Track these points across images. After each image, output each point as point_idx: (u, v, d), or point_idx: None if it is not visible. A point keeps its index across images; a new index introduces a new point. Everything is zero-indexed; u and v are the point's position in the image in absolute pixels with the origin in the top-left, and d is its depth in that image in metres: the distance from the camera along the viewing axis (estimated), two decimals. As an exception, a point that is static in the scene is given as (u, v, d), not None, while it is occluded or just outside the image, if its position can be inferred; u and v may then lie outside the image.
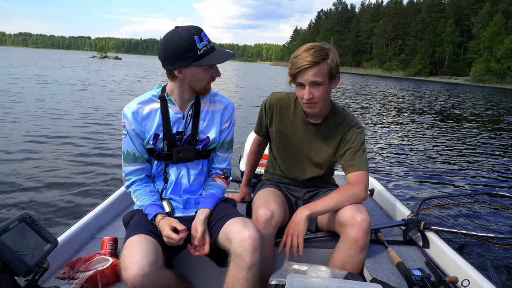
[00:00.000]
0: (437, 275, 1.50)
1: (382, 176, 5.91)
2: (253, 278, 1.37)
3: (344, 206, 1.62)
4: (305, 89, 1.61)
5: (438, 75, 75.43)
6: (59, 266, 1.50)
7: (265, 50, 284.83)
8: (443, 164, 7.04)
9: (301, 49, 1.61)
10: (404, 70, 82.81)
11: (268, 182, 1.97)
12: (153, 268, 1.25)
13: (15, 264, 1.06)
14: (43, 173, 4.92)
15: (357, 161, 1.72)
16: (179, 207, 1.60)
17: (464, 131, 11.25)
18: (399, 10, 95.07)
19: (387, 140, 9.08)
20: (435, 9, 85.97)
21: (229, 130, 1.67)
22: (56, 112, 9.57)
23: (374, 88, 32.66)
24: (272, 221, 1.58)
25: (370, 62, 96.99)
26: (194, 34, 1.40)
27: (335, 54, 1.62)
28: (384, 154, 7.55)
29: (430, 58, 78.20)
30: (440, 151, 8.18)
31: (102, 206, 1.99)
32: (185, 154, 1.57)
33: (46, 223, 3.47)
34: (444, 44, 76.83)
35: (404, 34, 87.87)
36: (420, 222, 1.90)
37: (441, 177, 6.17)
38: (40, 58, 57.92)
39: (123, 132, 1.56)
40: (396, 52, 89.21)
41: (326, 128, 1.81)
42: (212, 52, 1.44)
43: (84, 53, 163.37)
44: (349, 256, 1.58)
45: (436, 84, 51.81)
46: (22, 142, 6.40)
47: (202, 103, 1.60)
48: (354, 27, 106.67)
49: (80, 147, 6.39)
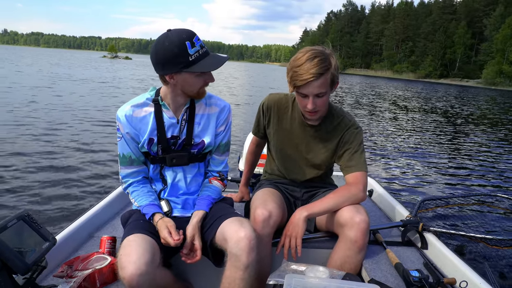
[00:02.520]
0: (435, 276, 1.50)
1: (381, 177, 5.91)
2: (249, 278, 1.37)
3: (343, 207, 1.62)
4: (309, 100, 1.59)
5: (449, 78, 74.59)
6: (58, 264, 1.50)
7: (274, 51, 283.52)
8: (442, 165, 7.04)
9: (303, 58, 1.53)
10: (414, 72, 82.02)
11: (267, 182, 1.96)
12: (150, 268, 1.25)
13: (13, 262, 1.06)
14: (42, 171, 4.92)
15: (355, 161, 1.72)
16: (177, 206, 1.60)
17: (463, 132, 11.26)
18: (410, 12, 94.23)
19: (387, 141, 9.09)
20: (447, 10, 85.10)
21: (225, 133, 1.65)
22: (59, 111, 9.57)
23: (379, 89, 32.66)
24: (270, 221, 1.58)
25: (380, 64, 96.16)
26: (185, 39, 1.35)
27: (334, 59, 1.58)
28: (383, 155, 7.55)
29: (441, 60, 77.37)
30: (439, 153, 8.19)
31: (100, 204, 1.99)
32: (178, 161, 1.56)
33: (45, 221, 3.48)
34: (455, 46, 75.98)
35: (415, 36, 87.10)
36: (419, 223, 1.90)
37: (440, 178, 6.18)
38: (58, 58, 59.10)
39: (118, 135, 1.54)
40: (407, 54, 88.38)
41: (324, 130, 1.80)
42: (205, 57, 1.40)
43: (95, 53, 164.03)
44: (348, 257, 1.58)
45: (446, 87, 51.23)
46: (22, 142, 6.39)
47: (197, 106, 1.57)
48: (364, 28, 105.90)
49: (80, 146, 6.39)
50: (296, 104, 1.81)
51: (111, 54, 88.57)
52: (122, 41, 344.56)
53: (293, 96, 1.83)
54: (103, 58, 78.93)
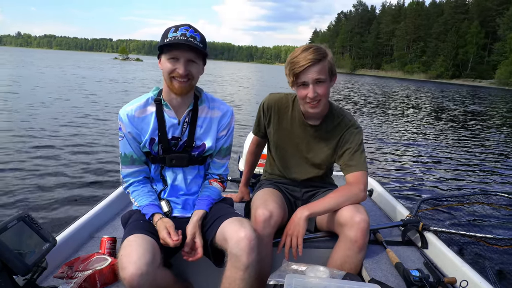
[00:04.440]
0: (436, 275, 1.50)
1: (381, 176, 5.91)
2: (249, 278, 1.37)
3: (343, 207, 1.62)
4: (309, 88, 1.60)
5: (461, 78, 73.72)
6: (58, 265, 1.50)
7: (283, 52, 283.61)
8: (442, 165, 7.04)
9: (298, 50, 1.62)
10: (425, 73, 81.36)
11: (267, 182, 1.97)
12: (150, 268, 1.25)
13: (13, 263, 1.06)
14: (42, 172, 4.92)
15: (355, 161, 1.72)
16: (177, 206, 1.60)
17: (464, 132, 11.26)
18: (421, 11, 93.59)
19: (387, 140, 9.09)
20: (459, 10, 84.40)
21: (227, 138, 1.66)
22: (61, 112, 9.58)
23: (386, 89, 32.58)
24: (271, 221, 1.58)
25: (391, 64, 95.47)
26: (172, 27, 1.44)
27: (331, 54, 1.64)
28: (383, 155, 7.55)
29: (453, 61, 76.56)
30: (440, 152, 8.19)
31: (101, 205, 1.99)
32: (178, 162, 1.57)
33: (45, 222, 3.47)
34: (468, 46, 74.96)
35: (426, 36, 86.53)
36: (419, 223, 1.90)
37: (440, 178, 6.18)
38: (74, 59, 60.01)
39: (120, 134, 1.55)
40: (418, 54, 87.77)
41: (324, 129, 1.81)
42: (180, 41, 1.39)
43: (106, 55, 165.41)
44: (348, 256, 1.58)
45: (458, 87, 50.39)
46: (23, 141, 6.39)
47: (200, 109, 1.58)
48: (375, 28, 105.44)
49: (81, 146, 6.39)
50: (296, 103, 1.81)
51: (122, 56, 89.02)
52: (133, 43, 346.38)
53: (293, 96, 1.83)
54: (114, 60, 79.71)
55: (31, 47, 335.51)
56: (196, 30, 1.45)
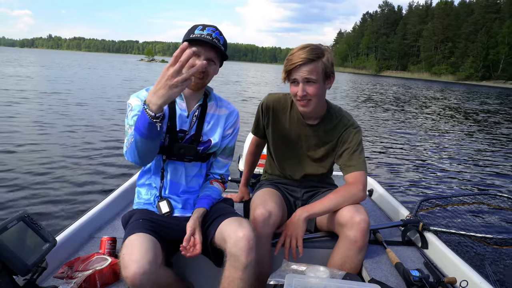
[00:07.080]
0: (436, 275, 1.50)
1: (381, 176, 5.91)
2: (248, 278, 1.37)
3: (343, 207, 1.62)
4: (299, 86, 1.63)
5: (491, 80, 71.32)
6: (58, 265, 1.50)
7: None
8: (442, 165, 7.04)
9: (297, 48, 1.64)
10: (453, 74, 79.33)
11: (267, 182, 1.97)
12: (152, 267, 1.25)
13: (13, 263, 1.06)
14: (42, 172, 4.92)
15: (354, 161, 1.73)
16: (178, 206, 1.60)
17: (464, 132, 11.25)
18: (450, 11, 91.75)
19: (387, 140, 9.08)
20: (490, 9, 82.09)
21: (232, 137, 1.68)
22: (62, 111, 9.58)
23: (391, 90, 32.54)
24: (270, 221, 1.58)
25: (417, 65, 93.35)
26: (199, 25, 1.48)
27: (330, 55, 1.64)
28: (383, 155, 7.55)
29: (483, 62, 74.06)
30: (440, 152, 8.19)
31: (101, 205, 1.99)
32: (186, 152, 1.56)
33: (45, 222, 3.47)
34: (499, 47, 72.53)
35: (455, 37, 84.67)
36: (419, 223, 1.91)
37: (440, 178, 6.18)
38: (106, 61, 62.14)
39: (129, 109, 1.49)
40: (446, 55, 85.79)
41: (323, 129, 1.81)
42: (205, 39, 1.43)
43: (132, 56, 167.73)
44: (348, 257, 1.58)
45: (489, 89, 48.35)
46: (22, 141, 6.39)
47: (209, 105, 1.61)
48: (401, 29, 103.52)
49: (81, 146, 6.38)
50: (295, 103, 1.81)
51: (148, 58, 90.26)
52: (158, 45, 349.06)
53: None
54: (140, 61, 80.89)
55: (61, 49, 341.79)
56: (221, 33, 1.51)
